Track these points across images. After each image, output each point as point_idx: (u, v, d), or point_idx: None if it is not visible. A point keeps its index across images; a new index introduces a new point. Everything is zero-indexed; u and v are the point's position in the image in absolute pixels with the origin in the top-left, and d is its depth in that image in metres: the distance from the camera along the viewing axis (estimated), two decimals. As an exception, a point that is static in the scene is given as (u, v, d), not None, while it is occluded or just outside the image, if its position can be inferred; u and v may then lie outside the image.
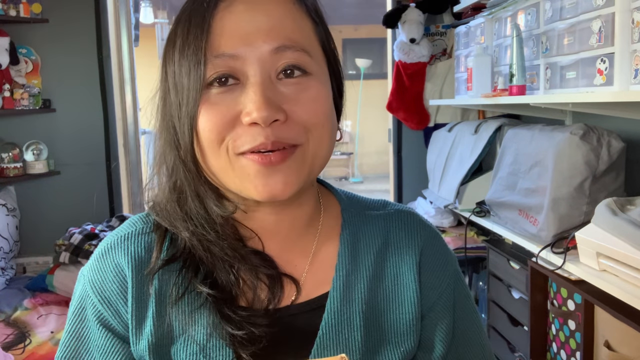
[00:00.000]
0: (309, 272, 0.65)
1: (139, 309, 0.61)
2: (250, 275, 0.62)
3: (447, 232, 2.56)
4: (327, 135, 0.60)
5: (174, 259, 0.62)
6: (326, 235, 0.68)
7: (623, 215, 1.26)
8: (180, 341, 0.60)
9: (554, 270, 1.51)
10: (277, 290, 0.62)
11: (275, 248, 0.65)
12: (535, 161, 1.67)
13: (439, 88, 2.86)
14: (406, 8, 2.72)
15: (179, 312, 0.61)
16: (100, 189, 3.17)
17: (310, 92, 0.58)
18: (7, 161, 2.98)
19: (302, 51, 0.57)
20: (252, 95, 0.55)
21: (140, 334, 0.61)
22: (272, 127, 0.55)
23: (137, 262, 0.62)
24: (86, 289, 0.64)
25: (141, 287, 0.62)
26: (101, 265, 0.64)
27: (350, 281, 0.65)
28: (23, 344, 2.18)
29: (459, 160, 2.35)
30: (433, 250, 0.71)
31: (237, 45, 0.56)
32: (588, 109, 1.64)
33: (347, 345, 0.62)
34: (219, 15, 0.57)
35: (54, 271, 2.67)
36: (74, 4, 3.06)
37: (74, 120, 3.15)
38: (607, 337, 1.36)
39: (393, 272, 0.68)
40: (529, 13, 1.81)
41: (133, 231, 0.65)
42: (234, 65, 0.56)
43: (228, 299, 0.60)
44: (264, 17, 0.56)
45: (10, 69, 2.97)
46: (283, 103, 0.56)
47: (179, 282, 0.61)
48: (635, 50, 1.29)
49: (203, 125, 0.57)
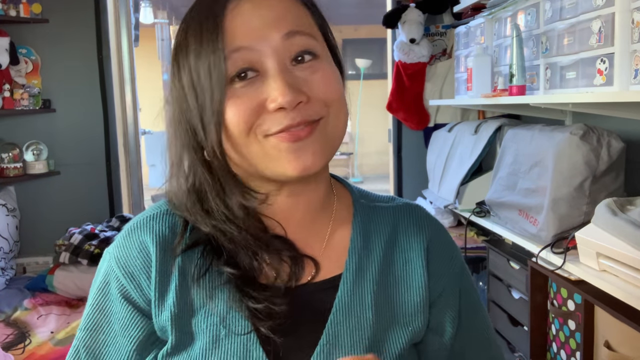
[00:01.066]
0: (323, 255, 0.70)
1: (162, 282, 0.65)
2: (273, 258, 0.66)
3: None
4: (343, 110, 0.66)
5: (196, 244, 0.66)
6: (340, 221, 0.73)
7: (623, 215, 1.26)
8: (201, 313, 0.64)
9: (554, 271, 1.51)
10: (299, 269, 0.67)
11: (293, 231, 0.69)
12: (535, 161, 1.67)
13: (439, 88, 2.86)
14: (406, 8, 2.72)
15: (200, 288, 0.64)
16: (100, 189, 3.18)
17: (323, 72, 0.63)
18: (7, 161, 2.98)
19: (309, 35, 0.63)
20: (274, 83, 0.60)
21: (162, 305, 0.65)
22: (297, 109, 0.60)
23: (161, 240, 0.66)
24: (111, 264, 0.68)
25: (165, 262, 0.66)
26: (126, 243, 0.68)
27: (362, 264, 0.70)
28: (23, 344, 2.18)
29: (459, 161, 2.35)
30: (440, 240, 0.75)
31: (251, 39, 0.61)
32: (588, 109, 1.64)
33: (358, 322, 0.67)
34: (228, 17, 0.61)
35: (54, 271, 2.67)
36: (74, 4, 3.06)
37: (74, 120, 3.15)
38: (607, 337, 1.36)
39: (402, 258, 0.72)
40: (528, 13, 1.81)
41: (158, 212, 0.69)
42: (251, 58, 0.61)
43: (249, 277, 0.65)
44: (269, 11, 0.62)
45: (10, 69, 2.97)
46: (302, 86, 0.61)
47: (200, 263, 0.65)
48: (635, 51, 1.29)
49: (231, 118, 0.61)
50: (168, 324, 0.64)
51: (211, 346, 0.63)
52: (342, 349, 0.65)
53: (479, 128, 2.33)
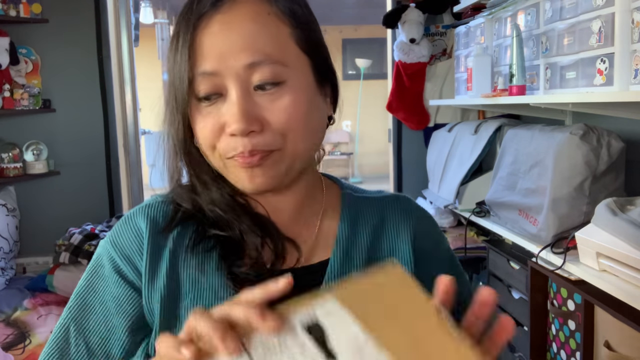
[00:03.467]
0: (313, 243, 0.72)
1: (153, 264, 0.68)
2: (255, 237, 0.68)
3: (447, 232, 2.56)
4: (304, 138, 0.66)
5: (189, 217, 0.70)
6: (329, 212, 0.75)
7: (623, 215, 1.26)
8: (189, 297, 0.67)
9: (554, 271, 1.51)
10: (280, 251, 0.68)
11: (283, 221, 0.72)
12: (535, 161, 1.67)
13: (439, 88, 2.86)
14: (406, 8, 2.72)
15: (191, 264, 0.67)
16: (100, 189, 3.18)
17: (283, 100, 0.63)
18: (7, 161, 2.98)
19: (275, 63, 0.63)
20: (232, 108, 0.62)
21: (153, 287, 0.67)
22: (249, 136, 0.62)
23: (153, 224, 0.70)
24: (107, 247, 0.71)
25: (156, 245, 0.69)
26: (122, 228, 0.71)
27: (350, 250, 0.72)
28: (23, 344, 2.18)
29: (459, 161, 2.35)
30: (427, 229, 0.78)
31: (216, 63, 0.62)
32: (588, 109, 1.64)
33: None
34: (198, 36, 0.63)
35: (54, 271, 2.67)
36: (74, 4, 3.06)
37: (74, 120, 3.15)
38: (607, 337, 1.36)
39: (389, 245, 0.75)
40: (528, 13, 1.81)
41: (153, 202, 0.73)
42: (216, 83, 0.63)
43: (235, 245, 0.68)
44: (237, 36, 0.62)
45: (10, 69, 2.97)
46: (260, 113, 0.63)
47: (192, 237, 0.69)
48: (635, 50, 1.29)
49: (198, 132, 0.66)
50: (157, 306, 0.66)
51: None
52: None
53: (479, 128, 2.33)
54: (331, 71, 0.71)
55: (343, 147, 8.59)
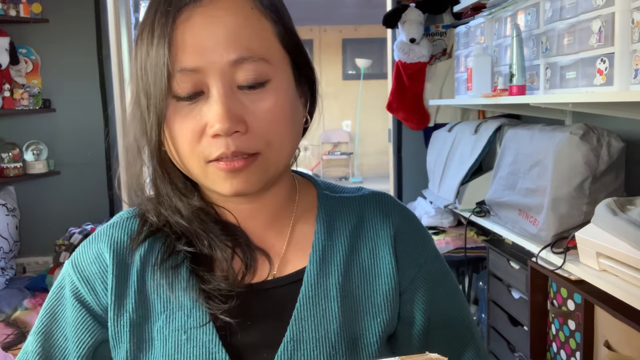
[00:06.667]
0: (286, 251, 0.69)
1: (119, 288, 0.65)
2: (225, 248, 0.65)
3: (447, 232, 2.56)
4: (286, 141, 0.64)
5: (155, 231, 0.67)
6: (302, 216, 0.72)
7: (623, 215, 1.26)
8: (162, 318, 0.64)
9: (554, 270, 1.51)
10: (250, 262, 0.66)
11: (253, 230, 0.69)
12: (535, 161, 1.67)
13: (439, 88, 2.86)
14: (406, 8, 2.72)
15: (160, 283, 0.65)
16: (100, 189, 3.18)
17: (267, 102, 0.61)
18: (7, 161, 2.98)
19: (260, 60, 0.60)
20: (215, 107, 0.58)
21: (120, 311, 0.65)
22: (232, 137, 0.59)
23: (117, 246, 0.67)
24: (68, 269, 0.68)
25: (121, 268, 0.66)
26: (84, 251, 0.69)
27: (327, 255, 0.69)
28: (23, 344, 2.18)
29: (459, 160, 2.35)
30: (409, 227, 0.73)
31: (198, 59, 0.58)
32: (588, 109, 1.64)
33: (324, 316, 0.65)
34: (179, 29, 0.59)
35: (54, 271, 2.67)
36: (74, 4, 3.06)
37: (74, 120, 3.15)
38: (607, 337, 1.36)
39: (369, 247, 0.71)
40: (528, 13, 1.81)
41: (119, 220, 0.71)
42: (197, 80, 0.59)
43: (203, 259, 0.65)
44: (221, 30, 0.59)
45: (10, 69, 2.97)
46: (244, 113, 0.60)
47: (162, 250, 0.66)
48: (635, 50, 1.29)
49: (176, 135, 0.61)
50: (126, 330, 0.64)
51: (173, 351, 0.63)
52: (307, 344, 0.64)
53: (479, 128, 2.33)
54: (310, 68, 0.68)
55: (343, 147, 8.59)
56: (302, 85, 0.67)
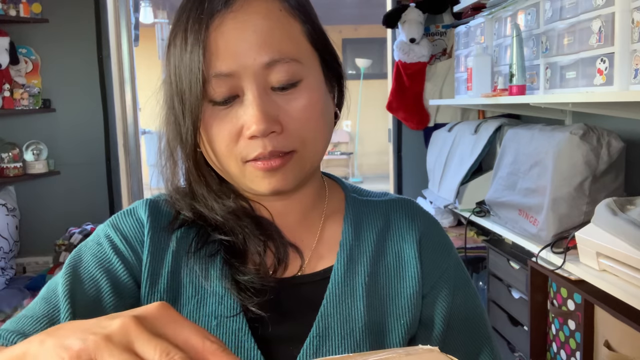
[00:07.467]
0: (315, 248, 0.71)
1: (154, 263, 0.66)
2: (259, 242, 0.67)
3: (447, 231, 2.56)
4: (321, 138, 0.66)
5: (191, 222, 0.68)
6: (331, 215, 0.74)
7: (623, 215, 1.26)
8: (193, 303, 0.65)
9: (554, 270, 1.51)
10: (282, 257, 0.67)
11: (285, 227, 0.70)
12: (535, 161, 1.67)
13: (439, 88, 2.86)
14: (406, 8, 2.72)
15: (193, 269, 0.66)
16: (100, 189, 3.18)
17: (300, 101, 0.62)
18: (7, 161, 2.98)
19: (292, 61, 0.62)
20: (251, 110, 0.60)
21: (152, 289, 0.65)
22: (269, 137, 0.61)
23: (156, 219, 0.68)
24: (106, 229, 0.68)
25: (158, 242, 0.67)
26: (123, 216, 0.70)
27: (354, 256, 0.70)
28: (23, 344, 2.18)
29: (459, 160, 2.35)
30: (433, 233, 0.75)
31: (232, 64, 0.60)
32: (588, 109, 1.64)
33: (350, 314, 0.67)
34: (212, 35, 0.60)
35: (54, 271, 2.67)
36: (74, 4, 3.06)
37: (74, 120, 3.15)
38: (607, 337, 1.36)
39: (395, 250, 0.72)
40: (529, 13, 1.81)
41: (157, 198, 0.72)
42: (232, 84, 0.61)
43: (238, 250, 0.66)
44: (253, 34, 0.60)
45: (10, 69, 2.97)
46: (279, 114, 0.62)
47: (196, 238, 0.67)
48: (635, 50, 1.29)
49: (213, 138, 0.63)
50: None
51: None
52: (332, 341, 0.65)
53: (479, 128, 2.33)
54: (338, 64, 0.70)
55: (343, 147, 8.60)
56: (331, 80, 0.69)
